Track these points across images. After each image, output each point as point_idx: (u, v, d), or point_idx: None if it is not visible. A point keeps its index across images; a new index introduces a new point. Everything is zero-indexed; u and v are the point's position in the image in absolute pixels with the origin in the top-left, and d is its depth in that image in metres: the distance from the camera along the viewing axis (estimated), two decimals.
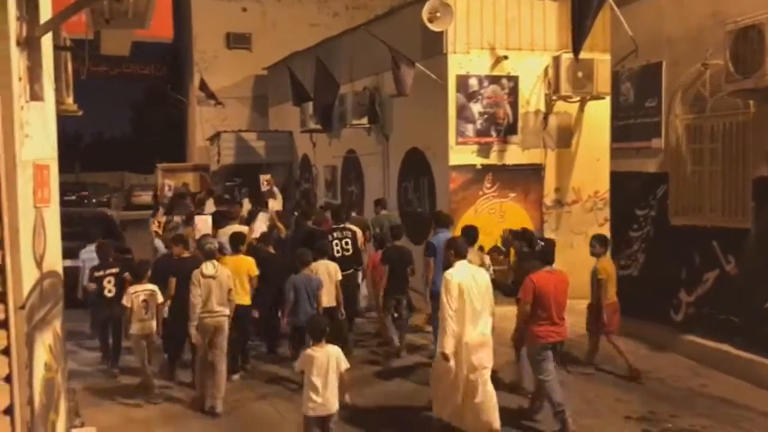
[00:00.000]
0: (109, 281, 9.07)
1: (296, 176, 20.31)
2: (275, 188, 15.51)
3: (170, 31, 8.69)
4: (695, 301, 9.24)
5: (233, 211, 11.98)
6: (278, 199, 15.27)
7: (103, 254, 9.46)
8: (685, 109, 9.33)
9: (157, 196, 21.98)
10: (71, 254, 9.20)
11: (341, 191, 16.88)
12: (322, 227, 10.87)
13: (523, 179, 12.32)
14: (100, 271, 9.20)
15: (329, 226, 10.79)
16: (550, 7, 12.42)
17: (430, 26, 11.37)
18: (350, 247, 10.20)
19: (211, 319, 7.79)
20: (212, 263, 7.92)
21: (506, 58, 12.16)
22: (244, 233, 9.78)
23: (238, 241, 9.05)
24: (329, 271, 8.91)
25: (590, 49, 11.26)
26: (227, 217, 11.38)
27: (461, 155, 12.05)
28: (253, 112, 26.05)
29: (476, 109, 12.08)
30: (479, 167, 12.12)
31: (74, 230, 10.35)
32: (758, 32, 7.49)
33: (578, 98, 12.33)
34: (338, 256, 9.88)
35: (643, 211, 10.14)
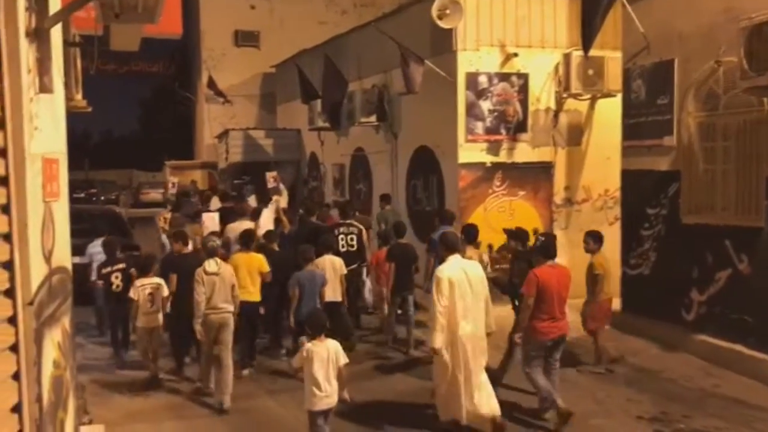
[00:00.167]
0: (116, 276, 9.21)
1: (304, 174, 20.27)
2: (281, 185, 15.54)
3: (179, 27, 8.68)
4: (707, 300, 9.16)
5: (243, 207, 12.11)
6: (284, 195, 15.30)
7: (110, 250, 9.57)
8: (697, 106, 9.24)
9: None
10: (79, 251, 9.25)
11: (349, 189, 16.82)
12: (326, 223, 11.01)
13: (532, 177, 12.25)
14: (107, 267, 9.33)
15: (332, 222, 10.93)
16: (560, 4, 12.33)
17: (439, 23, 11.31)
18: (355, 243, 10.37)
19: (215, 315, 7.81)
20: (215, 260, 7.95)
21: (516, 55, 12.09)
22: (254, 230, 9.83)
23: (249, 238, 9.08)
24: (334, 265, 9.07)
25: (601, 46, 11.17)
26: (236, 212, 11.49)
27: (470, 153, 11.98)
28: (261, 109, 26.03)
29: (486, 106, 12.01)
30: (489, 165, 12.05)
31: (83, 227, 10.39)
32: None
33: (589, 96, 12.24)
34: (343, 251, 10.04)
35: (654, 209, 10.05)
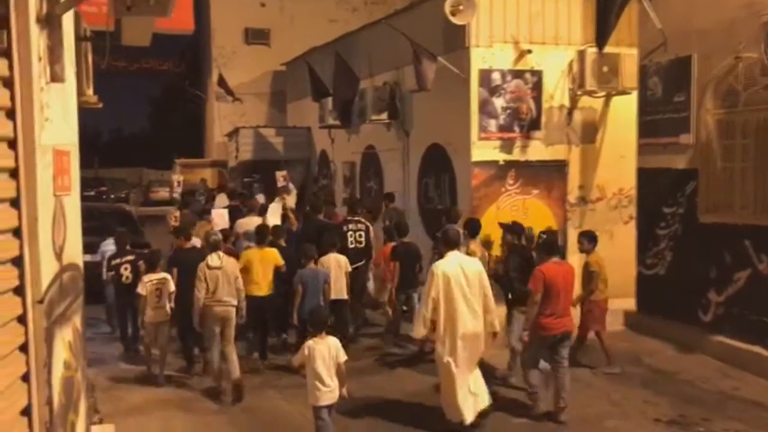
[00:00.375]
0: (125, 268, 9.49)
1: (314, 172, 20.18)
2: (290, 184, 15.54)
3: (191, 22, 8.62)
4: (725, 301, 9.02)
5: (251, 203, 12.27)
6: (293, 194, 15.29)
7: (120, 242, 9.88)
8: (716, 103, 9.09)
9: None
10: (90, 249, 9.34)
11: (360, 187, 16.72)
12: (333, 221, 11.09)
13: (546, 176, 12.09)
14: (116, 258, 9.63)
15: (338, 220, 11.02)
16: (575, 0, 12.18)
17: (452, 19, 11.16)
18: (363, 239, 10.44)
19: (220, 307, 7.96)
20: (218, 254, 8.10)
21: (530, 52, 11.92)
22: (268, 226, 9.99)
23: (263, 233, 9.30)
24: (339, 263, 9.20)
25: (616, 43, 11.02)
26: (247, 207, 11.72)
27: (483, 151, 11.83)
28: (271, 108, 25.95)
29: (499, 104, 11.86)
30: (502, 163, 11.90)
31: (93, 225, 10.49)
32: None
33: (603, 93, 12.07)
34: (351, 247, 10.15)
35: (670, 208, 9.91)
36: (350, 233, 10.32)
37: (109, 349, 9.84)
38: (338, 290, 9.12)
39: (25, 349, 3.12)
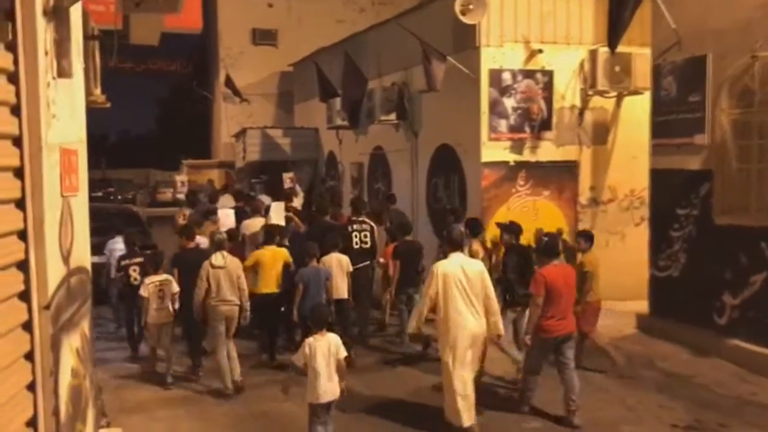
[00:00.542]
0: (134, 270, 9.57)
1: (322, 173, 20.10)
2: (297, 186, 15.52)
3: (200, 21, 8.54)
4: (741, 304, 8.88)
5: (256, 204, 12.24)
6: (299, 197, 15.25)
7: (129, 243, 9.99)
8: (731, 103, 8.95)
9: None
10: (97, 250, 9.44)
11: (368, 188, 16.63)
12: (338, 221, 11.08)
13: (557, 177, 11.98)
14: (126, 259, 9.75)
15: (344, 221, 10.97)
16: None
17: (462, 19, 11.06)
18: (368, 239, 10.35)
19: (225, 306, 8.05)
20: (221, 254, 8.14)
21: (541, 51, 11.82)
22: (277, 226, 10.08)
23: (273, 233, 9.37)
24: (341, 263, 9.19)
25: (628, 43, 10.89)
26: (251, 208, 11.74)
27: (494, 151, 11.73)
28: (278, 108, 25.88)
29: (509, 104, 11.75)
30: (512, 164, 11.79)
31: (100, 225, 10.54)
32: None
33: (615, 93, 11.97)
34: (356, 247, 10.08)
35: (684, 210, 9.77)
36: (355, 234, 10.24)
37: (114, 347, 9.91)
38: (339, 290, 9.10)
39: (30, 357, 3.01)
